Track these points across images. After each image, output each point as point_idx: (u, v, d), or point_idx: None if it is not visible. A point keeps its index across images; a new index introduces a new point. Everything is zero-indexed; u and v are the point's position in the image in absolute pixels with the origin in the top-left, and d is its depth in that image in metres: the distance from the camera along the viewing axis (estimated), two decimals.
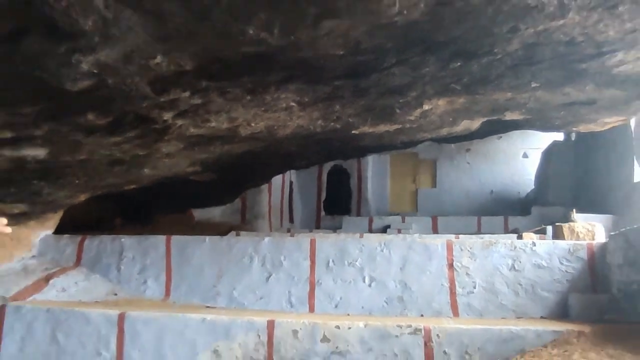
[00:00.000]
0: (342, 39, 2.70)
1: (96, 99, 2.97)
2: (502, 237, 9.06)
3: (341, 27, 2.53)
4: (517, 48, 3.26)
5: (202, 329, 5.80)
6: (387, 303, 6.90)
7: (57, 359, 5.93)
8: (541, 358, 4.90)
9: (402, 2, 2.31)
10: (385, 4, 2.30)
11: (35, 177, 5.53)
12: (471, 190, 16.75)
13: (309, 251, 7.24)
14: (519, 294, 6.74)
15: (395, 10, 2.38)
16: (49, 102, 2.93)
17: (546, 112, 6.98)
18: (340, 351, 5.60)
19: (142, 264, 7.59)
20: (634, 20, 3.06)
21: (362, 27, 2.59)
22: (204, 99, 3.42)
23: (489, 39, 2.98)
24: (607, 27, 3.11)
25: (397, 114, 5.31)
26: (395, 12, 2.41)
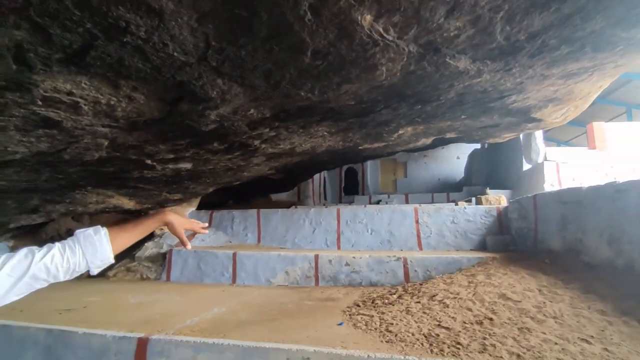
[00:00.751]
0: (353, 95, 2.70)
1: (218, 135, 3.05)
2: (446, 205, 8.90)
3: (352, 88, 2.54)
4: (453, 96, 3.20)
5: (278, 260, 5.86)
6: (381, 244, 6.88)
7: (200, 278, 6.07)
8: (470, 272, 4.80)
9: (386, 74, 2.31)
10: (378, 74, 2.31)
11: (185, 179, 5.65)
12: (427, 178, 16.54)
13: (336, 215, 7.25)
14: (457, 237, 6.63)
15: (383, 77, 2.37)
16: (193, 137, 3.02)
17: (470, 132, 6.79)
18: (356, 271, 5.59)
19: (244, 225, 7.71)
20: (521, 76, 2.97)
21: (364, 88, 2.60)
22: (276, 132, 3.45)
23: (437, 92, 2.94)
24: (505, 81, 3.02)
25: (384, 137, 5.24)
26: (383, 79, 2.41)
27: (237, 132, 3.01)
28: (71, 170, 3.46)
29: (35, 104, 1.74)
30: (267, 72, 2.09)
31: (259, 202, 12.99)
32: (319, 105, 2.79)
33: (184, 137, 2.93)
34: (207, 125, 2.70)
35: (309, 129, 3.51)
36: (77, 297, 4.62)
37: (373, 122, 3.95)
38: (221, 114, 2.54)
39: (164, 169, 4.16)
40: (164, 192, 6.06)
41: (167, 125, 2.52)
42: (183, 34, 1.51)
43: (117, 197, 5.57)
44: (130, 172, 3.93)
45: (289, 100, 2.54)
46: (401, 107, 3.22)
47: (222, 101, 2.31)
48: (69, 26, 1.27)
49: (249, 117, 2.76)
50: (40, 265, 1.02)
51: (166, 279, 6.22)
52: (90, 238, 1.15)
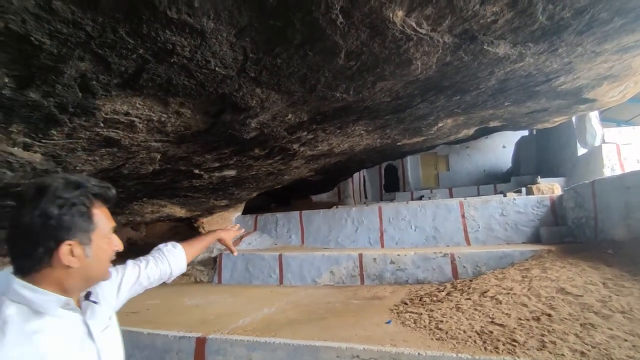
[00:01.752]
0: (388, 92, 2.67)
1: (258, 141, 3.15)
2: (494, 197, 8.52)
3: (387, 85, 2.52)
4: (494, 83, 3.07)
5: (323, 260, 5.93)
6: (426, 240, 6.73)
7: (249, 280, 6.29)
8: (524, 266, 4.58)
9: (421, 68, 2.27)
10: (413, 69, 2.27)
11: (230, 185, 5.88)
12: (471, 170, 15.86)
13: (378, 213, 7.19)
14: (507, 230, 6.33)
15: (418, 72, 2.33)
16: (235, 145, 3.15)
17: (515, 119, 6.47)
18: (401, 268, 5.53)
19: (287, 227, 7.88)
20: (569, 56, 2.78)
21: (400, 84, 2.57)
22: (314, 135, 3.51)
23: (476, 80, 2.83)
24: (551, 63, 2.85)
25: (423, 131, 5.13)
26: (418, 73, 2.36)
27: (276, 137, 3.09)
28: (129, 183, 3.75)
29: (98, 125, 1.93)
30: (302, 77, 2.15)
31: (300, 204, 13.17)
32: (354, 105, 2.80)
33: (227, 145, 3.06)
34: (249, 133, 2.80)
35: (345, 129, 3.52)
36: (140, 301, 4.96)
37: (410, 117, 3.89)
38: (261, 121, 2.63)
39: (210, 177, 4.37)
40: (211, 199, 6.35)
41: (211, 136, 2.66)
42: (223, 50, 1.60)
43: (170, 207, 5.92)
44: (180, 182, 4.18)
45: (325, 102, 2.57)
46: (439, 100, 3.14)
47: (262, 109, 2.39)
48: (124, 54, 1.40)
49: (287, 122, 2.83)
50: (144, 274, 1.26)
51: (218, 282, 6.52)
52: (173, 251, 1.42)
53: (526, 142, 13.19)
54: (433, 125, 5.04)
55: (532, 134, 13.32)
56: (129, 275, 1.21)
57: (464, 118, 5.24)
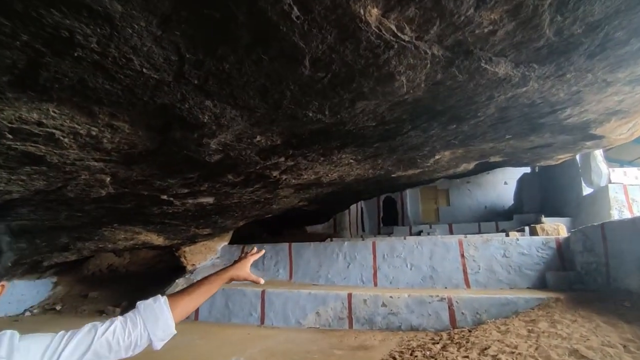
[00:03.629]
0: (372, 115, 2.34)
1: (227, 165, 2.79)
2: (495, 235, 8.06)
3: (370, 106, 2.18)
4: (493, 111, 2.74)
5: (309, 299, 5.43)
6: (422, 280, 6.22)
7: (229, 318, 5.76)
8: (530, 317, 4.08)
9: (408, 85, 1.93)
10: (397, 86, 1.94)
11: (212, 213, 5.49)
12: (472, 206, 15.41)
13: (371, 249, 6.73)
14: (510, 272, 5.84)
15: (404, 90, 1.99)
16: (201, 170, 2.80)
17: (517, 154, 6.13)
18: (394, 312, 5.02)
19: (275, 259, 7.39)
20: (578, 83, 2.46)
21: (384, 105, 2.23)
22: (294, 162, 3.16)
23: (473, 106, 2.50)
24: (558, 90, 2.53)
25: (418, 163, 4.78)
26: (404, 92, 2.02)
27: (247, 162, 2.75)
28: (87, 207, 3.37)
29: (5, 137, 1.60)
30: (262, 90, 1.81)
31: (294, 234, 12.70)
32: (334, 129, 2.46)
33: (191, 170, 2.72)
34: (211, 156, 2.45)
35: (330, 156, 3.18)
36: None
37: (403, 146, 3.55)
38: (223, 142, 2.29)
39: (184, 204, 3.99)
40: (192, 227, 5.93)
41: (164, 157, 2.31)
42: (146, 45, 1.28)
43: (146, 234, 5.50)
44: (148, 208, 3.79)
45: (297, 123, 2.23)
46: (432, 128, 2.80)
47: (219, 127, 2.05)
48: (4, 41, 1.08)
49: (257, 145, 2.49)
50: (102, 340, 0.93)
51: (194, 318, 5.97)
52: (150, 307, 1.04)
53: (528, 179, 12.85)
54: (429, 157, 4.70)
55: (534, 171, 13.00)
56: (76, 343, 0.90)
57: (463, 151, 4.92)
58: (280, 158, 2.87)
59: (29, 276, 7.00)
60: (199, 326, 5.50)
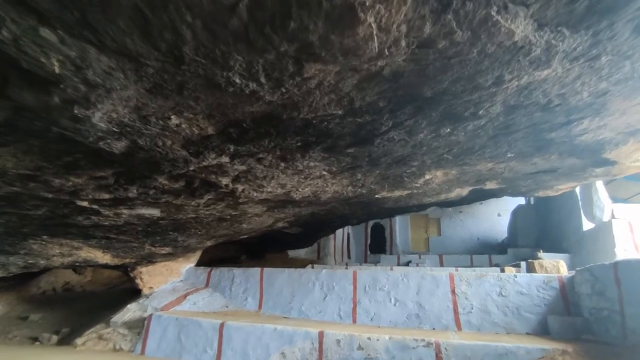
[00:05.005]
0: (334, 95, 1.72)
1: (146, 162, 2.12)
2: (491, 270, 7.38)
3: (328, 76, 1.55)
4: (499, 112, 2.15)
5: (274, 336, 4.63)
6: (408, 318, 5.47)
7: (179, 354, 4.91)
8: None
9: (380, 40, 1.33)
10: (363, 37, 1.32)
11: (169, 230, 4.78)
12: (464, 237, 14.75)
13: (352, 279, 5.99)
14: (507, 314, 5.13)
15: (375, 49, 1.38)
16: (112, 166, 2.12)
17: (516, 181, 5.55)
18: (372, 358, 4.24)
19: (245, 286, 6.59)
20: (610, 77, 1.87)
21: (350, 79, 1.60)
22: (246, 166, 2.50)
23: (475, 95, 1.88)
24: (583, 87, 1.95)
25: (406, 182, 4.16)
26: (376, 53, 1.41)
27: (173, 159, 2.09)
28: None
29: None
30: (139, 18, 1.12)
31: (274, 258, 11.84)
32: (285, 115, 1.83)
33: (94, 164, 2.05)
34: (109, 143, 1.77)
35: (293, 162, 2.54)
36: None
37: (386, 157, 2.93)
38: (117, 120, 1.61)
39: (118, 215, 3.28)
40: (146, 244, 5.16)
41: (34, 138, 1.65)
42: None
43: (87, 249, 4.72)
44: (72, 218, 3.08)
45: (225, 97, 1.58)
46: (420, 128, 2.18)
47: (89, 86, 1.36)
48: None
49: (179, 133, 1.84)
50: None
51: (141, 352, 5.09)
52: None
53: (523, 211, 12.29)
54: (418, 176, 4.09)
55: (529, 203, 12.47)
56: None
57: (457, 172, 4.32)
58: (221, 157, 2.21)
59: None
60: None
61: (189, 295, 6.33)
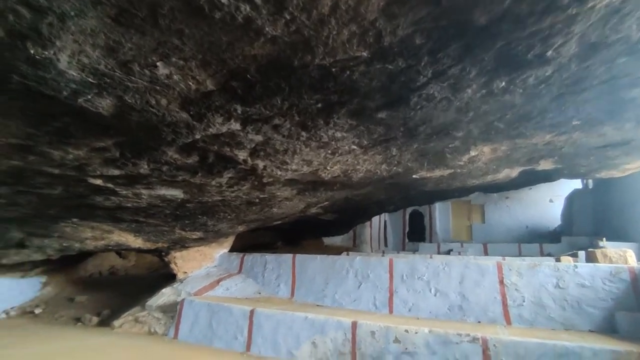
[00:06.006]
0: (355, 25, 1.34)
1: (144, 126, 1.86)
2: (545, 260, 6.65)
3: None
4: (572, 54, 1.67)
5: (305, 325, 4.40)
6: (449, 310, 5.01)
7: (210, 340, 4.82)
8: None
9: None
10: None
11: (198, 214, 4.66)
12: (511, 225, 13.72)
13: (388, 267, 5.60)
14: (566, 309, 4.54)
15: None
16: (108, 133, 1.88)
17: (576, 159, 4.86)
18: (409, 351, 3.88)
19: (277, 273, 6.42)
20: None
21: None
22: (261, 135, 2.20)
23: (545, 21, 1.42)
24: None
25: (448, 159, 3.69)
26: None
27: (174, 123, 1.82)
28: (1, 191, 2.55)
29: None
30: None
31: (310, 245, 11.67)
32: (296, 60, 1.48)
33: (88, 130, 1.82)
34: (90, 100, 1.52)
35: (315, 130, 2.21)
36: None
37: (423, 124, 2.51)
38: (90, 67, 1.33)
39: (137, 195, 3.13)
40: (176, 228, 5.10)
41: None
42: None
43: (119, 233, 4.71)
44: (91, 198, 2.96)
45: (215, 31, 1.24)
46: (467, 77, 1.72)
47: (29, 8, 1.02)
48: None
49: (173, 88, 1.55)
50: None
51: (174, 336, 5.08)
52: None
53: (579, 196, 11.15)
54: (463, 151, 3.62)
55: (586, 187, 11.29)
56: None
57: (507, 147, 3.77)
58: (230, 123, 1.91)
59: (12, 274, 6.43)
60: (171, 348, 4.59)
61: (222, 281, 6.27)
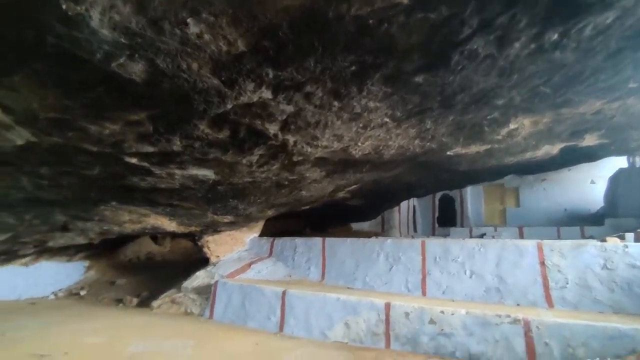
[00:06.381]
0: None
1: (176, 96, 1.83)
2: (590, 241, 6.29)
3: None
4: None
5: (337, 306, 4.38)
6: (486, 292, 4.83)
7: (244, 320, 4.91)
8: None
9: None
10: None
11: (229, 197, 4.69)
12: (548, 208, 13.04)
13: (420, 249, 5.46)
14: (614, 291, 4.25)
15: None
16: (141, 104, 1.86)
17: (627, 132, 4.52)
18: (446, 333, 3.78)
19: (307, 256, 6.43)
20: None
21: None
22: (293, 105, 2.13)
23: None
24: None
25: (485, 133, 3.50)
26: None
27: (205, 90, 1.76)
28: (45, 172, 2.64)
29: None
30: None
31: (337, 231, 11.66)
32: (330, 11, 1.36)
33: (121, 100, 1.81)
34: (118, 62, 1.48)
35: (348, 99, 2.11)
36: (79, 336, 3.80)
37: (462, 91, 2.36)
38: (118, 22, 1.28)
39: (171, 175, 3.17)
40: (209, 212, 5.18)
41: (26, 57, 1.39)
42: None
43: (155, 217, 4.84)
44: (125, 178, 3.03)
45: None
46: (515, 28, 1.54)
47: None
48: None
49: (202, 48, 1.49)
50: None
51: (209, 316, 5.22)
52: None
53: (626, 175, 10.40)
54: (502, 123, 3.43)
55: (633, 166, 10.54)
56: None
57: (550, 118, 3.52)
58: (261, 90, 1.84)
59: (59, 258, 6.80)
60: (207, 327, 4.71)
61: (253, 264, 6.36)
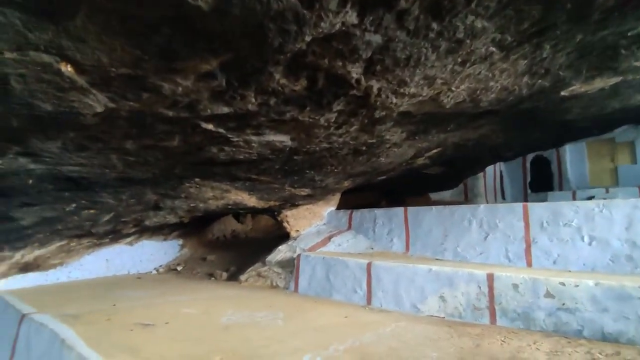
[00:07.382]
0: None
1: (248, 27, 1.53)
2: None
3: None
4: None
5: (429, 278, 3.99)
6: (613, 261, 4.01)
7: (329, 292, 4.78)
8: None
9: None
10: None
11: (305, 168, 4.52)
12: None
13: (522, 214, 4.74)
14: None
15: None
16: (211, 46, 1.62)
17: None
18: (568, 308, 3.17)
19: (389, 227, 6.06)
20: None
21: None
22: (381, 34, 1.74)
23: None
24: None
25: (621, 57, 2.75)
26: None
27: (280, 12, 1.43)
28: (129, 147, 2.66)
29: None
30: None
31: (416, 202, 11.00)
32: None
33: (191, 45, 1.58)
34: None
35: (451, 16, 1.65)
36: (175, 308, 3.97)
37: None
38: None
39: (248, 143, 3.04)
40: (286, 185, 5.08)
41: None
42: None
43: (235, 192, 4.87)
44: (204, 149, 2.96)
45: None
46: None
47: None
48: None
49: None
50: None
51: (294, 289, 5.20)
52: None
53: None
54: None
55: None
56: None
57: None
58: (345, 9, 1.44)
59: (156, 238, 7.41)
60: (294, 300, 4.67)
61: (333, 237, 6.21)
